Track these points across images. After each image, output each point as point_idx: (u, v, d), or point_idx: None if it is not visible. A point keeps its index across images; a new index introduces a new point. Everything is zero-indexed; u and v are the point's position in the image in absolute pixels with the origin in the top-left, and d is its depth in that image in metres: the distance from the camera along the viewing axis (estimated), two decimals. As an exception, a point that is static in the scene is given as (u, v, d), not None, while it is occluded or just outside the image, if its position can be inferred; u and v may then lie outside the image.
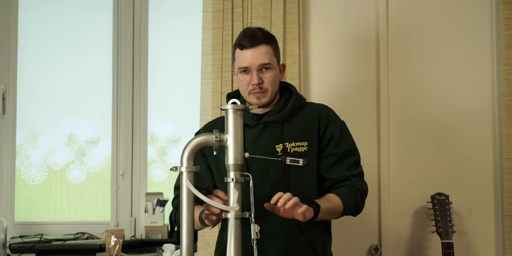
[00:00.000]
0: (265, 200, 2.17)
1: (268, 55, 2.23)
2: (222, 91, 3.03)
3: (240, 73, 2.24)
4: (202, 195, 1.75)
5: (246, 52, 2.22)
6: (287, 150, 2.23)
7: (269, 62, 2.22)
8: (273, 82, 2.24)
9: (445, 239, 2.84)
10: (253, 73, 2.21)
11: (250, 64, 2.21)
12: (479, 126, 3.13)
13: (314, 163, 2.25)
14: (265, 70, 2.22)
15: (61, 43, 3.63)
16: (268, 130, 2.27)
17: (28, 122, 3.58)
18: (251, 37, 2.23)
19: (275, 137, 2.25)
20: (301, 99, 2.35)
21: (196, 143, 1.83)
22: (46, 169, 3.58)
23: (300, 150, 2.24)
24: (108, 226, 3.48)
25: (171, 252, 3.09)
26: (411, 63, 3.15)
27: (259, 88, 2.22)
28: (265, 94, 2.23)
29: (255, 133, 2.27)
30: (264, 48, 2.22)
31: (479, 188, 3.11)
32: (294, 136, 2.25)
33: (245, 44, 2.22)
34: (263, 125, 2.28)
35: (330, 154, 2.26)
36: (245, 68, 2.22)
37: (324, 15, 3.16)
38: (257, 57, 2.21)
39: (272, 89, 2.24)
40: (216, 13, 3.06)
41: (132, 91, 3.57)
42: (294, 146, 2.24)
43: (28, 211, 3.55)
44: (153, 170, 3.60)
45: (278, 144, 2.24)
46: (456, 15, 3.16)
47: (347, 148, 2.30)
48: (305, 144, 2.24)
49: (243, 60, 2.22)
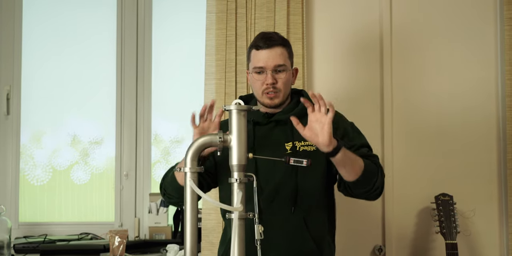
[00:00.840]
0: (272, 198, 2.21)
1: (283, 57, 2.27)
2: (226, 92, 3.03)
3: (255, 73, 2.28)
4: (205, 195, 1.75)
5: (262, 52, 2.26)
6: (296, 148, 2.26)
7: (284, 63, 2.26)
8: (286, 84, 2.28)
9: (449, 240, 2.84)
10: (267, 73, 2.25)
11: (265, 64, 2.25)
12: (483, 126, 3.13)
13: (323, 163, 2.25)
14: (279, 71, 2.26)
15: (65, 44, 3.63)
16: (278, 128, 2.30)
17: (32, 122, 3.59)
18: (267, 38, 2.28)
19: (285, 135, 2.28)
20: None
21: (200, 143, 1.84)
22: (50, 170, 3.59)
23: (309, 149, 2.26)
24: (112, 226, 3.48)
25: (175, 253, 3.10)
26: (414, 63, 3.15)
27: (273, 87, 2.25)
28: (277, 94, 2.27)
29: (266, 131, 2.30)
30: (280, 49, 2.27)
31: (483, 188, 3.11)
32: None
33: (261, 45, 2.26)
34: (273, 123, 2.31)
35: (348, 146, 2.20)
36: (260, 68, 2.26)
37: (328, 15, 3.17)
38: (273, 58, 2.25)
39: (284, 90, 2.28)
40: (219, 13, 3.06)
41: (136, 91, 3.57)
42: (303, 145, 2.26)
43: (32, 212, 3.56)
44: (157, 170, 3.60)
45: (288, 142, 2.27)
46: (460, 15, 3.16)
47: (364, 142, 2.32)
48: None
49: (259, 60, 2.26)
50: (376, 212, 3.08)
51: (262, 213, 2.21)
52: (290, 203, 2.24)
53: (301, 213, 2.23)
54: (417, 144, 3.11)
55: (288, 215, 2.23)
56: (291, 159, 1.97)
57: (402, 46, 3.15)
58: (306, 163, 1.96)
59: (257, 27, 3.04)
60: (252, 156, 1.87)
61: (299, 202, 2.24)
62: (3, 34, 3.54)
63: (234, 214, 1.80)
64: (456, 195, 2.95)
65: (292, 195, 2.23)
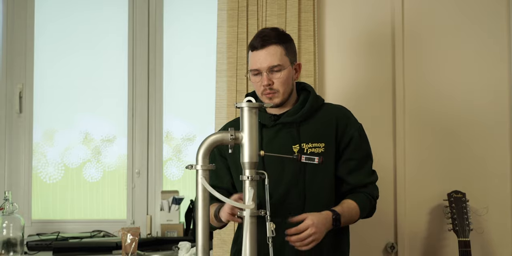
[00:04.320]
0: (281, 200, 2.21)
1: (278, 56, 2.23)
2: (237, 89, 3.03)
3: (252, 75, 2.27)
4: (218, 193, 1.75)
5: (256, 53, 2.24)
6: (303, 151, 2.24)
7: (278, 63, 2.23)
8: (284, 83, 2.25)
9: (462, 237, 2.83)
10: (263, 74, 2.23)
11: (259, 66, 2.23)
12: (495, 123, 3.11)
13: (330, 164, 2.26)
14: (275, 71, 2.23)
15: (77, 43, 3.64)
16: (285, 130, 2.28)
17: (45, 120, 3.60)
18: (261, 37, 2.25)
19: (292, 137, 2.27)
20: (319, 100, 2.35)
21: (212, 141, 1.84)
22: (63, 168, 3.60)
23: (316, 151, 2.24)
24: (124, 224, 3.49)
25: (187, 250, 3.10)
26: (426, 60, 3.14)
27: (270, 89, 2.23)
28: (276, 94, 2.25)
29: (272, 134, 2.29)
30: (274, 49, 2.23)
31: (496, 185, 3.09)
32: (311, 137, 2.26)
33: (256, 45, 2.25)
34: (280, 125, 2.29)
35: (350, 158, 2.29)
36: (256, 70, 2.25)
37: (339, 12, 3.15)
38: (266, 59, 2.22)
39: (283, 89, 2.25)
40: (230, 11, 3.06)
41: (148, 89, 3.58)
42: (310, 147, 2.25)
43: (45, 209, 3.57)
44: (169, 168, 3.61)
45: (295, 144, 2.26)
46: (472, 12, 3.15)
47: (366, 153, 2.34)
48: (322, 145, 2.25)
49: (254, 62, 2.25)
50: (388, 209, 3.07)
51: (273, 216, 2.23)
52: (299, 205, 2.24)
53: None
54: (430, 141, 3.10)
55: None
56: (303, 156, 1.97)
57: (414, 43, 3.13)
58: (317, 160, 1.96)
59: (268, 24, 3.03)
60: (264, 153, 1.87)
61: (308, 204, 2.24)
62: (16, 33, 3.55)
63: (245, 212, 1.80)
64: (469, 192, 2.93)
65: (301, 197, 2.24)
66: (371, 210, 2.34)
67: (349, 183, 2.30)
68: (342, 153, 2.29)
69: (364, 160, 2.33)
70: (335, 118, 2.30)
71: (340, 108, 2.38)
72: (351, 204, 2.25)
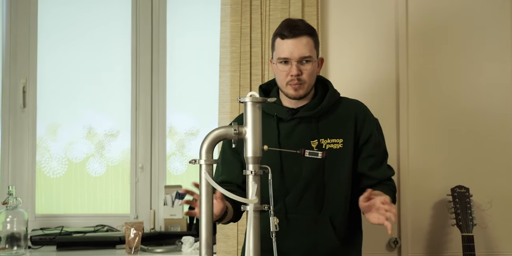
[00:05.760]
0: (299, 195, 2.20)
1: (309, 47, 2.19)
2: (241, 84, 3.03)
3: (279, 63, 2.20)
4: (220, 187, 1.75)
5: (287, 42, 2.18)
6: (322, 146, 2.21)
7: (309, 54, 2.18)
8: (311, 75, 2.20)
9: (465, 232, 2.82)
10: (293, 64, 2.17)
11: (290, 55, 2.17)
12: (499, 118, 3.11)
13: (349, 160, 2.23)
14: (305, 62, 2.18)
15: (80, 37, 3.64)
16: (303, 125, 2.24)
17: (48, 115, 3.60)
18: (293, 27, 2.18)
19: (311, 132, 2.23)
20: (336, 94, 2.31)
21: (215, 135, 1.83)
22: (66, 162, 3.61)
23: (335, 147, 2.22)
24: (128, 218, 3.49)
25: (190, 245, 3.11)
26: (431, 56, 3.13)
27: (298, 79, 2.18)
28: (302, 86, 2.19)
29: (290, 128, 2.25)
30: (306, 39, 2.18)
31: (500, 180, 3.09)
32: (329, 132, 2.23)
33: (286, 34, 2.17)
34: (297, 119, 2.25)
35: (371, 154, 2.27)
36: (285, 59, 2.18)
37: (342, 7, 3.15)
38: (298, 49, 2.17)
39: (309, 82, 2.21)
40: (234, 5, 3.05)
41: (151, 84, 3.58)
42: (329, 142, 2.22)
43: (48, 204, 3.58)
44: (172, 163, 3.61)
45: (314, 140, 2.22)
46: (478, 10, 3.14)
47: (384, 148, 2.33)
48: (340, 141, 2.22)
49: (283, 51, 2.18)
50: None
51: (288, 212, 2.22)
52: (318, 201, 2.21)
53: (328, 213, 2.22)
54: (433, 136, 3.10)
55: (315, 215, 2.22)
56: (306, 151, 1.96)
57: (418, 39, 3.12)
58: (321, 155, 1.95)
59: (271, 19, 3.03)
60: (267, 148, 1.86)
61: (326, 200, 2.21)
62: (19, 28, 3.55)
63: (249, 206, 1.79)
64: (472, 187, 2.93)
65: (320, 193, 2.21)
66: (393, 201, 2.25)
67: (374, 178, 2.27)
68: (361, 150, 2.26)
69: (383, 156, 2.32)
70: (353, 114, 2.27)
71: (357, 103, 2.34)
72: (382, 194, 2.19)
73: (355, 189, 2.27)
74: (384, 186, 2.27)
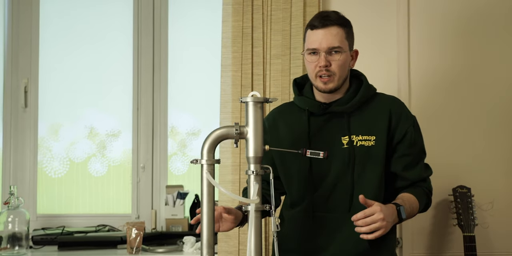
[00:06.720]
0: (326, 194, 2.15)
1: (339, 38, 2.13)
2: (242, 84, 3.03)
3: (308, 55, 2.16)
4: (221, 187, 1.75)
5: (316, 32, 2.13)
6: (353, 143, 2.15)
7: (339, 45, 2.13)
8: (341, 67, 2.14)
9: (467, 232, 2.82)
10: (321, 54, 2.12)
11: (318, 45, 2.12)
12: (500, 118, 3.10)
13: (381, 159, 2.15)
14: (334, 53, 2.13)
15: (82, 37, 3.64)
16: (334, 120, 2.18)
17: (50, 115, 3.61)
18: (323, 17, 2.14)
19: (342, 128, 2.17)
20: (371, 89, 2.25)
21: (217, 135, 1.83)
22: (68, 162, 3.61)
23: (367, 144, 2.15)
24: (129, 218, 3.49)
25: (191, 245, 3.11)
26: (432, 56, 3.13)
27: (326, 70, 2.12)
28: (331, 78, 2.13)
29: (321, 123, 2.19)
30: (336, 29, 2.13)
31: (501, 181, 3.09)
32: (361, 129, 2.16)
33: (316, 24, 2.14)
34: (329, 114, 2.19)
35: (406, 153, 2.19)
36: (314, 50, 2.14)
37: (344, 7, 3.14)
38: (327, 39, 2.12)
39: (340, 74, 2.15)
40: (236, 5, 3.06)
41: (153, 84, 3.58)
42: (361, 139, 2.15)
43: (50, 204, 3.58)
44: (174, 163, 3.61)
45: (344, 136, 2.16)
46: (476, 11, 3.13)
47: (420, 147, 2.25)
48: (372, 138, 2.15)
49: (312, 41, 2.14)
50: (393, 204, 3.07)
51: (315, 210, 2.17)
52: (346, 200, 2.15)
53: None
54: (435, 136, 3.09)
55: (344, 214, 2.13)
56: (308, 151, 1.93)
57: (420, 39, 3.12)
58: (322, 155, 1.92)
59: (273, 19, 3.03)
60: (269, 148, 1.85)
61: (355, 200, 2.10)
62: (21, 27, 3.55)
63: (250, 206, 1.79)
64: (474, 187, 2.93)
65: (349, 192, 2.14)
66: (427, 203, 2.24)
67: (407, 179, 2.20)
68: (396, 148, 2.19)
69: (420, 155, 2.24)
70: (388, 111, 2.19)
71: (394, 99, 2.27)
72: (411, 198, 2.15)
73: (390, 189, 2.21)
74: (417, 188, 2.21)
